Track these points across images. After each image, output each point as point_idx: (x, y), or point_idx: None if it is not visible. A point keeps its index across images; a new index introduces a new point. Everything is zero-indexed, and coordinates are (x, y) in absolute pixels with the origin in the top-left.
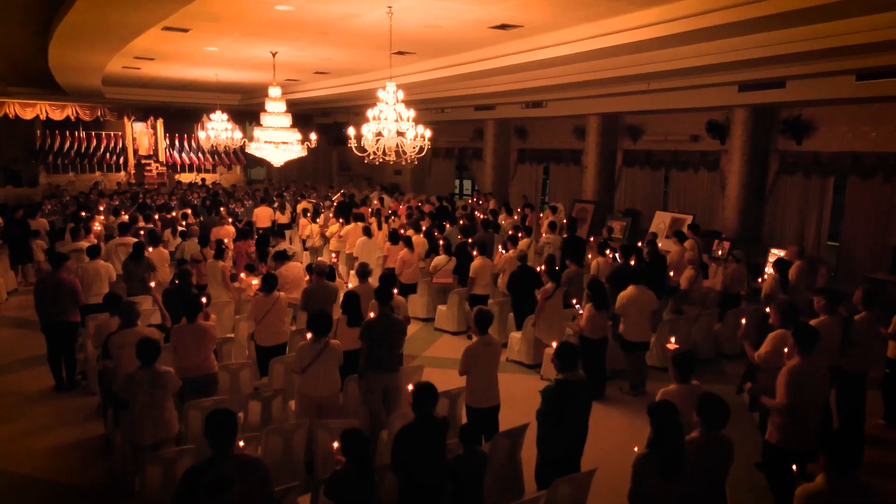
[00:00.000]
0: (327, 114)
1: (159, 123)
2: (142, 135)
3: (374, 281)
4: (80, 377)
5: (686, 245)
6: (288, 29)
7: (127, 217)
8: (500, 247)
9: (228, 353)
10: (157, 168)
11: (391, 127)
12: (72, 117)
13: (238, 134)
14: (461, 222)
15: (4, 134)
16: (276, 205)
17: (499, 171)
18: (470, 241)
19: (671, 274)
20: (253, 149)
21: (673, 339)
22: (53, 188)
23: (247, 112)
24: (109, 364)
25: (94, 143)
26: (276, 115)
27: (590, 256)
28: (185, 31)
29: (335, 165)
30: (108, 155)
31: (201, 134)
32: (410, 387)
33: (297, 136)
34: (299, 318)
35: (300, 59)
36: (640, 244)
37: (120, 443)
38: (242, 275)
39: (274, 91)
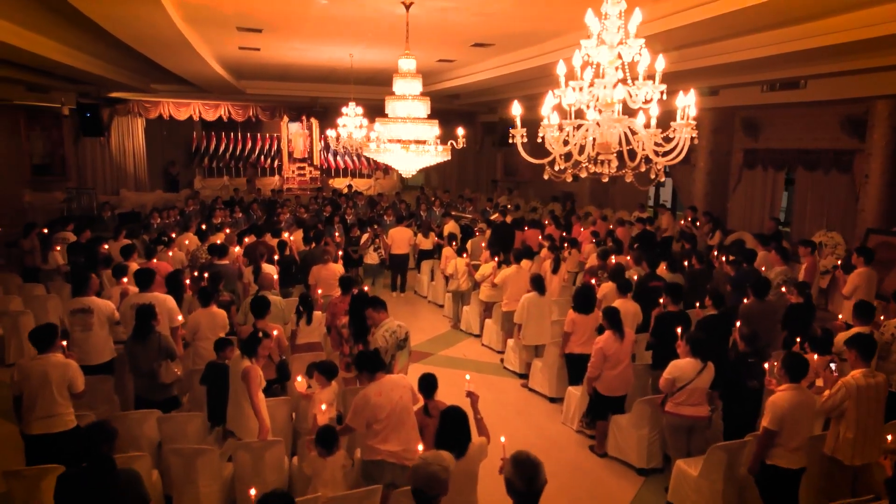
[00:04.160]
0: (493, 109)
1: (314, 123)
2: (297, 136)
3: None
4: None
5: None
6: None
7: (219, 243)
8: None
9: None
10: (310, 172)
11: (611, 95)
12: (224, 117)
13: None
14: (686, 264)
15: (165, 136)
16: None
17: (714, 177)
18: (738, 325)
19: None
20: (371, 151)
21: None
22: (193, 193)
23: None
24: None
25: (249, 144)
26: (405, 100)
27: None
28: None
29: (500, 171)
30: (262, 158)
31: (330, 133)
32: None
33: (435, 130)
34: None
35: (445, 17)
36: None
37: None
38: (299, 379)
39: (406, 63)
